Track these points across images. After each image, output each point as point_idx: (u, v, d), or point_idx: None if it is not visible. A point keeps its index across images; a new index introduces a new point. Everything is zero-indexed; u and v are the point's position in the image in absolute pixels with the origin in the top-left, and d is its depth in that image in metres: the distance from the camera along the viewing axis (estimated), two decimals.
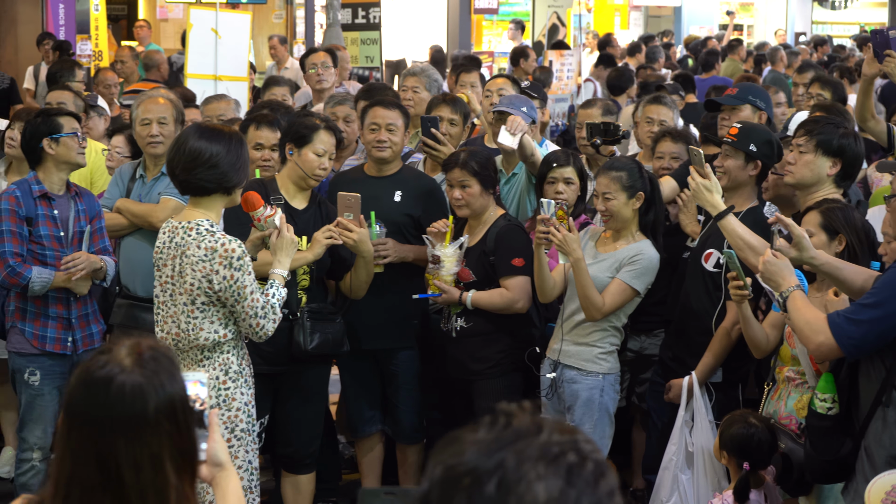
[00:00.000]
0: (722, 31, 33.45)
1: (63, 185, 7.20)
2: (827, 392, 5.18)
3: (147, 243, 7.52)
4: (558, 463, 1.96)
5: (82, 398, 3.03)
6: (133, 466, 2.98)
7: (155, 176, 7.57)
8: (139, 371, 3.03)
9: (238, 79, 12.42)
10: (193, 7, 13.90)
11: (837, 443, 5.13)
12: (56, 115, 7.18)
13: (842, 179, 6.24)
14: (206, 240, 5.57)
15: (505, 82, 9.29)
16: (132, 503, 3.00)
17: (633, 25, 32.81)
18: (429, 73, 9.62)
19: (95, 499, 3.00)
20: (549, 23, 23.85)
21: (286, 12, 23.10)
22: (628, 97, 14.03)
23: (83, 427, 3.00)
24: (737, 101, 7.72)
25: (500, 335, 6.99)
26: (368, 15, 16.84)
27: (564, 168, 7.24)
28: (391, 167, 7.37)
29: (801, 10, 39.13)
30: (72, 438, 3.02)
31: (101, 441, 2.99)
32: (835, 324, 4.89)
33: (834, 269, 5.30)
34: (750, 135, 6.60)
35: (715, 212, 6.13)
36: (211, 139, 5.64)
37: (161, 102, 7.62)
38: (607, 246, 6.77)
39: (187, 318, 5.68)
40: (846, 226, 5.64)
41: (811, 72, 11.10)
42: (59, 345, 7.14)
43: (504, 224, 7.00)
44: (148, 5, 23.64)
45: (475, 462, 1.97)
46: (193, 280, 5.60)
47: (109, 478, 2.98)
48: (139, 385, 3.01)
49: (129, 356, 3.06)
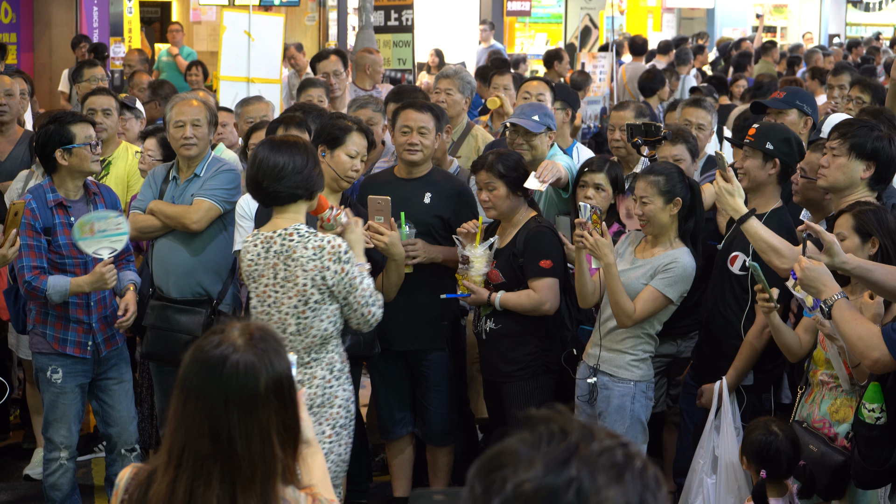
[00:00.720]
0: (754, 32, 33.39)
1: (79, 190, 7.14)
2: (875, 402, 5.14)
3: (180, 245, 7.56)
4: (628, 468, 1.99)
5: (197, 375, 3.31)
6: (245, 438, 3.26)
7: (188, 178, 7.59)
8: (251, 351, 3.30)
9: (271, 81, 12.43)
10: (227, 9, 13.93)
11: (887, 452, 5.11)
12: (69, 123, 7.07)
13: (875, 183, 6.20)
14: (311, 240, 5.84)
15: (541, 85, 9.27)
16: (242, 472, 3.28)
17: (665, 27, 32.73)
18: (462, 75, 9.61)
19: (207, 467, 3.28)
20: (581, 25, 23.84)
21: (319, 14, 23.14)
22: (659, 99, 14.00)
23: (198, 402, 3.28)
24: (784, 104, 7.68)
25: (530, 337, 6.98)
26: (401, 17, 16.85)
27: (596, 174, 7.24)
28: (421, 169, 7.38)
29: (835, 12, 38.96)
30: (186, 412, 3.30)
31: (216, 415, 3.27)
32: (891, 339, 4.86)
33: (865, 272, 5.27)
34: (767, 134, 6.61)
35: (737, 215, 6.14)
36: (287, 151, 5.88)
37: (195, 105, 7.63)
38: (646, 252, 6.71)
39: (297, 320, 5.90)
40: (879, 228, 5.60)
41: (847, 73, 11.04)
42: (80, 348, 7.11)
43: (534, 226, 6.99)
44: (181, 8, 23.72)
45: (546, 478, 1.97)
46: (305, 280, 5.84)
47: (221, 448, 3.27)
48: (252, 363, 3.28)
49: (241, 336, 3.33)
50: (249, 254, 6.01)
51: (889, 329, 4.89)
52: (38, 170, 8.33)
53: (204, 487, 3.29)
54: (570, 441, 2.02)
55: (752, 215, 6.13)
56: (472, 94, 9.67)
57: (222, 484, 3.29)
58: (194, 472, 3.30)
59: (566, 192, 7.67)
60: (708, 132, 8.74)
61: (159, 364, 7.74)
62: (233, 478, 3.29)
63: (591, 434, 2.04)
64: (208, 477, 3.29)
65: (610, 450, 2.01)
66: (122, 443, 7.36)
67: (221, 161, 7.75)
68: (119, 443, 7.36)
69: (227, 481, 3.29)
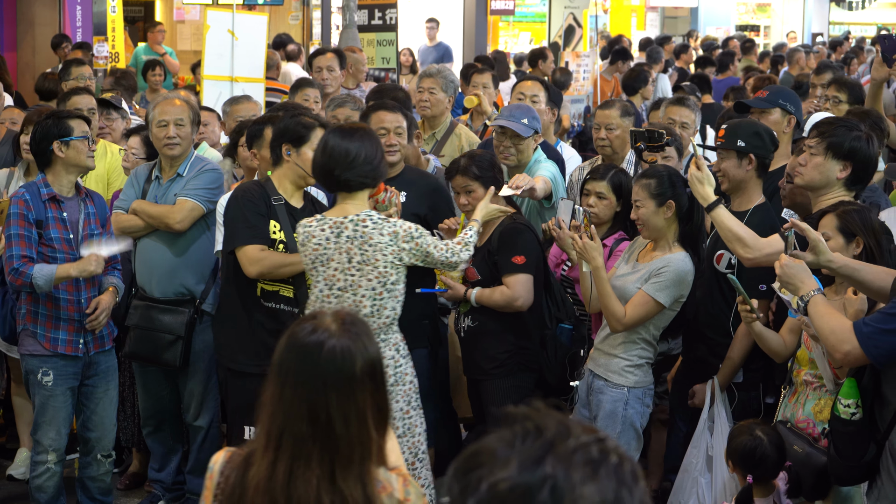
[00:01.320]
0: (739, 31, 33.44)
1: (72, 187, 7.16)
2: (850, 397, 5.15)
3: (163, 244, 7.55)
4: (603, 464, 1.99)
5: (295, 361, 3.48)
6: (343, 419, 3.42)
7: (171, 177, 7.59)
8: (346, 335, 3.47)
9: (254, 80, 12.40)
10: (210, 9, 13.89)
11: (862, 447, 5.12)
12: (66, 118, 7.13)
13: (852, 183, 6.20)
14: (385, 226, 6.11)
15: (535, 85, 9.26)
16: (341, 453, 3.43)
17: (649, 26, 32.77)
18: (445, 73, 9.61)
19: (306, 449, 3.44)
20: (565, 24, 23.85)
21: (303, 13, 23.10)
22: (642, 98, 14.02)
23: (296, 386, 3.45)
24: (767, 104, 7.66)
25: (506, 335, 6.96)
26: (385, 16, 16.85)
27: (598, 182, 7.23)
28: (395, 169, 7.39)
29: (818, 11, 39.07)
30: (285, 396, 3.47)
31: (314, 397, 3.43)
32: (862, 333, 4.87)
33: (852, 271, 5.28)
34: (736, 132, 6.64)
35: (705, 203, 6.15)
36: (358, 139, 6.12)
37: (178, 104, 7.63)
38: (646, 257, 6.69)
39: (373, 302, 6.15)
40: (863, 228, 5.61)
41: (829, 73, 11.06)
42: (72, 347, 7.11)
43: (508, 223, 6.98)
44: (165, 7, 23.66)
45: (521, 476, 1.98)
46: (385, 263, 6.11)
47: (320, 430, 3.43)
48: (348, 347, 3.46)
49: (334, 322, 3.50)
50: (315, 238, 6.17)
51: (860, 323, 4.91)
52: (20, 169, 8.32)
53: (304, 468, 3.44)
54: (546, 438, 2.02)
55: (720, 204, 6.13)
56: (455, 92, 9.67)
57: (321, 465, 3.44)
58: (294, 454, 3.45)
59: (548, 202, 7.68)
60: (692, 130, 8.76)
61: (142, 364, 7.73)
62: (331, 458, 3.44)
63: (567, 430, 2.04)
64: (308, 458, 3.44)
65: (585, 446, 2.01)
66: (100, 448, 7.38)
67: (204, 160, 7.75)
68: (97, 448, 7.37)
69: (326, 461, 3.44)
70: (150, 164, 7.80)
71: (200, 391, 7.72)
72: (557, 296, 7.14)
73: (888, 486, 4.99)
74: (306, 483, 3.43)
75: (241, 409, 6.98)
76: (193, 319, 7.54)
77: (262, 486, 3.48)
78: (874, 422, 5.13)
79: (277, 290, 6.79)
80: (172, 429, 7.97)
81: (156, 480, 8.02)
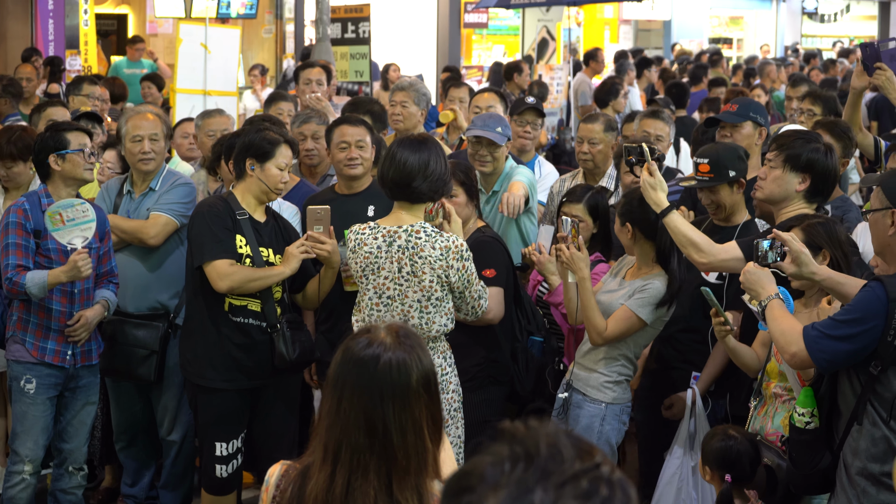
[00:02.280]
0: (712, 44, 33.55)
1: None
2: (806, 406, 5.18)
3: (137, 259, 7.53)
4: (592, 498, 1.97)
5: (352, 374, 3.54)
6: (400, 430, 3.48)
7: (143, 192, 7.57)
8: (401, 348, 3.54)
9: (227, 93, 12.40)
10: (183, 22, 13.90)
11: (817, 456, 5.15)
12: (65, 131, 7.12)
13: (812, 195, 6.19)
14: (438, 240, 6.09)
15: (492, 97, 9.29)
16: (398, 464, 3.49)
17: (622, 39, 32.86)
18: (417, 87, 9.63)
19: (364, 460, 3.50)
20: (538, 37, 23.90)
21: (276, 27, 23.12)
22: (614, 110, 14.04)
23: (353, 398, 3.50)
24: (738, 118, 7.64)
25: (477, 348, 6.91)
26: (358, 29, 16.84)
27: (574, 205, 7.23)
28: (362, 183, 7.41)
29: (790, 24, 39.22)
30: (342, 409, 3.52)
31: (372, 409, 3.49)
32: (809, 336, 4.92)
33: (836, 284, 5.29)
34: (721, 162, 6.65)
35: (658, 209, 6.11)
36: (428, 152, 6.15)
37: (151, 119, 7.62)
38: (632, 275, 6.67)
39: (420, 314, 6.13)
40: (829, 241, 5.61)
41: (805, 85, 11.09)
42: (59, 357, 7.08)
43: (478, 236, 6.97)
44: (138, 20, 23.64)
45: None
46: (432, 277, 6.09)
47: (377, 441, 3.48)
48: (404, 360, 3.52)
49: (389, 336, 3.57)
50: (367, 246, 6.18)
51: (809, 327, 4.95)
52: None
53: (361, 480, 3.50)
54: (537, 465, 2.00)
55: (673, 209, 6.12)
56: (427, 105, 9.68)
57: (379, 476, 3.49)
58: (351, 466, 3.51)
59: (525, 205, 7.72)
60: (666, 143, 8.78)
61: (116, 379, 7.71)
62: (388, 469, 3.49)
63: (559, 457, 2.02)
64: (365, 470, 3.50)
65: (576, 478, 1.99)
66: (73, 461, 7.35)
67: (177, 174, 7.73)
68: (70, 460, 7.34)
69: (384, 473, 3.49)
70: (121, 178, 7.78)
71: (174, 406, 7.69)
72: (528, 308, 7.14)
73: (841, 497, 5.03)
74: (364, 495, 3.49)
75: (210, 425, 6.97)
76: (167, 334, 7.52)
77: (320, 499, 3.54)
78: (831, 432, 5.15)
79: (245, 304, 6.78)
80: (145, 443, 7.94)
81: (129, 495, 7.99)
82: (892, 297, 4.78)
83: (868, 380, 4.89)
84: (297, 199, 7.69)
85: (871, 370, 4.86)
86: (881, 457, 4.89)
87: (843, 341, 4.86)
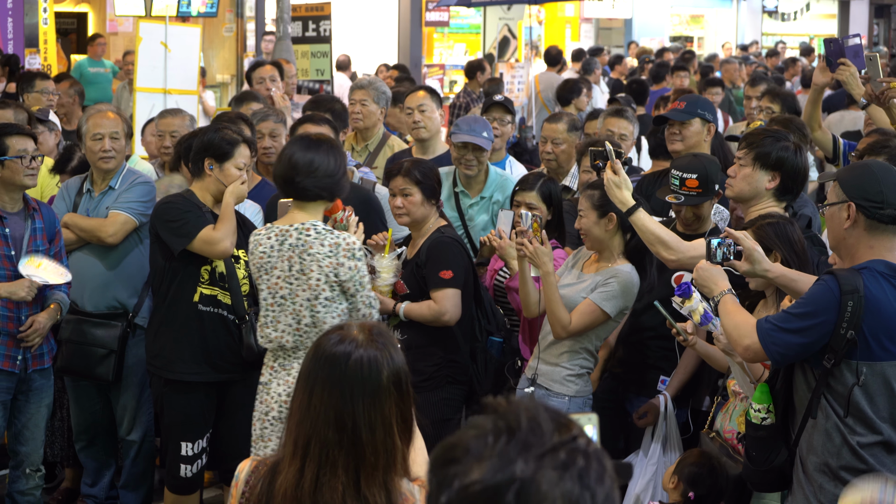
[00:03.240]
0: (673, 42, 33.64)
1: (17, 202, 7.07)
2: (761, 402, 5.20)
3: (95, 258, 7.51)
4: (569, 469, 2.08)
5: (323, 370, 3.60)
6: (369, 427, 3.56)
7: (102, 190, 7.55)
8: (373, 346, 3.61)
9: (188, 92, 12.35)
10: (143, 20, 13.82)
11: (773, 453, 5.17)
12: (4, 135, 7.02)
13: (782, 193, 6.22)
14: (328, 237, 6.04)
15: (425, 97, 9.27)
16: (367, 460, 3.56)
17: (583, 37, 32.90)
18: (376, 85, 9.63)
19: (332, 456, 3.56)
20: (499, 35, 23.91)
21: (236, 25, 23.03)
22: (576, 109, 14.05)
23: (324, 394, 3.57)
24: (686, 115, 7.67)
25: (435, 349, 6.94)
26: (319, 28, 16.80)
27: (527, 193, 7.25)
28: None
29: (751, 22, 39.38)
30: (312, 405, 3.58)
31: (342, 405, 3.55)
32: (762, 329, 4.94)
33: (789, 281, 5.33)
34: (711, 178, 6.68)
35: (624, 208, 6.12)
36: (323, 151, 6.13)
37: (112, 117, 7.61)
38: (591, 267, 6.69)
39: (311, 312, 6.08)
40: (777, 241, 5.62)
41: (763, 84, 11.12)
42: (9, 362, 7.03)
43: (437, 236, 6.99)
44: (97, 19, 23.52)
45: (492, 479, 2.07)
46: (320, 275, 6.04)
47: (347, 437, 3.55)
48: (375, 357, 3.59)
49: (361, 333, 3.64)
50: (262, 246, 6.16)
51: (763, 320, 4.98)
52: None
53: (330, 475, 3.56)
54: (518, 439, 2.11)
55: (640, 207, 6.14)
56: (387, 104, 9.70)
57: (347, 472, 3.56)
58: (320, 461, 3.57)
59: None
60: (630, 142, 8.81)
61: (73, 378, 7.68)
62: (357, 465, 3.57)
63: (539, 430, 2.13)
64: (333, 465, 3.56)
65: (555, 449, 2.10)
66: (30, 463, 7.33)
67: (136, 173, 7.72)
68: (27, 462, 7.32)
69: (352, 469, 3.57)
70: (81, 177, 7.76)
71: (133, 405, 7.67)
72: (488, 308, 7.16)
73: (798, 494, 5.06)
74: (332, 490, 3.55)
75: (176, 425, 6.95)
76: (126, 333, 7.50)
77: (289, 494, 3.60)
78: (787, 428, 5.18)
79: (215, 294, 6.80)
80: (105, 443, 7.92)
81: (89, 496, 7.96)
82: (844, 290, 4.81)
83: (822, 374, 4.92)
84: (260, 199, 7.69)
85: (825, 363, 4.88)
86: (836, 451, 4.92)
87: (795, 334, 4.88)
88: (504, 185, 8.15)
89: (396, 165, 7.14)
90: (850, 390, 4.88)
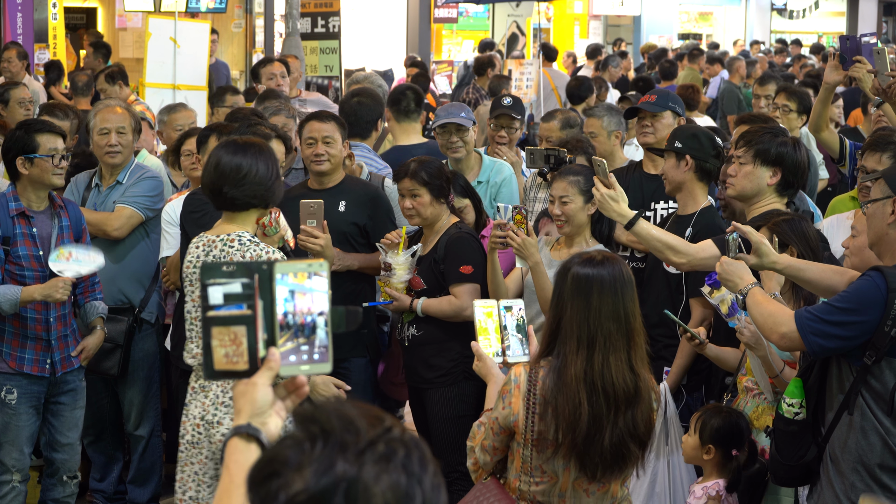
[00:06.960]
0: (681, 40, 33.62)
1: (43, 201, 6.93)
2: (795, 397, 5.16)
3: (102, 252, 7.49)
4: (391, 460, 2.11)
5: (591, 282, 4.80)
6: (634, 316, 4.83)
7: (110, 185, 7.56)
8: (612, 263, 4.91)
9: (197, 88, 12.39)
10: (152, 16, 13.84)
11: (803, 448, 5.13)
12: (36, 132, 6.86)
13: (783, 189, 6.23)
14: (251, 249, 5.72)
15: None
16: (634, 340, 4.81)
17: (592, 34, 32.86)
18: (372, 79, 9.62)
19: (615, 342, 4.76)
20: (508, 32, 23.92)
21: (245, 21, 23.04)
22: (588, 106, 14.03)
23: (602, 297, 4.78)
24: (657, 107, 7.70)
25: (452, 343, 6.94)
26: (328, 24, 16.81)
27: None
28: (333, 178, 7.36)
29: (759, 20, 39.31)
30: (591, 307, 4.76)
31: (617, 302, 4.77)
32: (801, 318, 4.87)
33: (797, 271, 5.29)
34: (675, 135, 6.81)
35: (624, 221, 6.05)
36: (252, 156, 5.74)
37: (119, 112, 7.60)
38: (562, 252, 6.72)
39: None
40: (794, 236, 5.63)
41: (773, 83, 11.07)
42: (38, 366, 6.90)
43: (454, 232, 7.00)
44: (106, 14, 23.53)
45: (317, 485, 2.09)
46: None
47: (622, 326, 4.76)
48: (621, 270, 4.85)
49: (599, 255, 4.92)
50: (190, 255, 5.94)
51: (802, 310, 4.93)
52: None
53: (614, 358, 4.69)
54: (334, 441, 2.13)
55: (640, 217, 6.12)
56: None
57: (626, 352, 4.72)
58: (607, 348, 4.68)
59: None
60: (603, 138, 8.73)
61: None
62: (629, 345, 4.73)
63: (353, 428, 2.15)
64: (616, 349, 4.70)
65: (373, 443, 2.13)
66: (66, 469, 7.20)
67: (144, 168, 7.72)
68: (62, 469, 7.19)
69: (626, 349, 4.72)
70: (90, 172, 7.77)
71: (140, 400, 7.68)
72: None
73: (827, 491, 5.00)
74: (617, 369, 4.68)
75: None
76: (132, 328, 7.50)
77: (579, 376, 4.64)
78: (816, 424, 5.15)
79: None
80: (113, 438, 7.92)
81: (97, 490, 7.97)
82: (892, 287, 4.77)
83: (861, 370, 4.87)
84: None
85: (865, 360, 4.83)
86: (872, 450, 4.86)
87: (837, 326, 4.82)
88: (500, 168, 8.10)
89: (403, 167, 7.10)
90: (892, 390, 4.81)
